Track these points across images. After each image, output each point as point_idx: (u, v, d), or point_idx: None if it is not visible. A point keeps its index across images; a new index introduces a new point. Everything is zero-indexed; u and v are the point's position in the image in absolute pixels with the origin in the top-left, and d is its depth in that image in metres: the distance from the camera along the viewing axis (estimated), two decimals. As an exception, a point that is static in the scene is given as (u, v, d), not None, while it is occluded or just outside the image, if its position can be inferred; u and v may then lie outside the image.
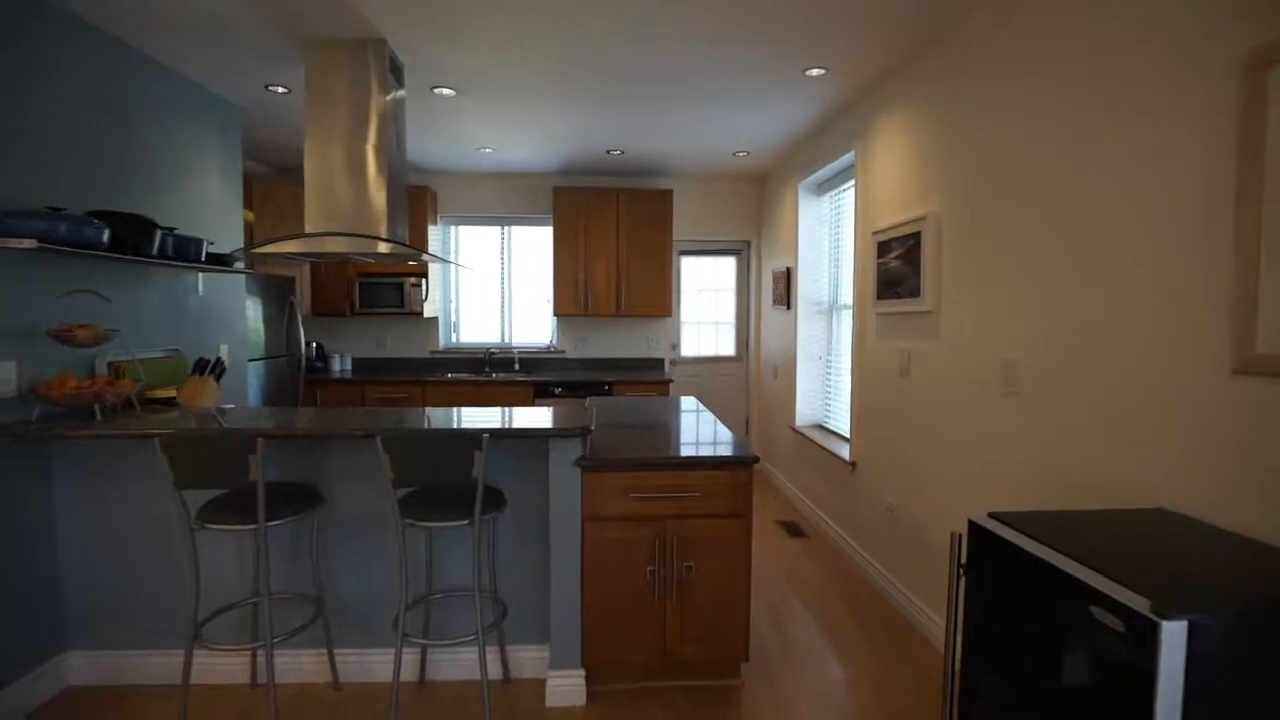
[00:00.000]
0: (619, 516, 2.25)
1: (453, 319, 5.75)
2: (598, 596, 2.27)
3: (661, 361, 5.71)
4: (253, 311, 4.17)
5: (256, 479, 1.96)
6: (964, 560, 1.52)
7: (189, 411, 2.55)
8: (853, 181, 3.74)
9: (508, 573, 2.45)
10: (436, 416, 2.40)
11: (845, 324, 4.16)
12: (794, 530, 4.17)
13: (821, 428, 4.47)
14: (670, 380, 5.02)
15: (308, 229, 2.74)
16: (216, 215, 3.51)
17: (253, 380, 4.18)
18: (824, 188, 4.40)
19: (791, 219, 4.69)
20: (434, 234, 5.36)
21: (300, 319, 4.60)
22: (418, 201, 5.15)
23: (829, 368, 4.43)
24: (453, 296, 5.73)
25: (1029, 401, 2.14)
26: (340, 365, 5.44)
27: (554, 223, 5.22)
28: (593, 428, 2.26)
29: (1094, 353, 1.85)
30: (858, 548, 3.52)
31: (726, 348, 5.93)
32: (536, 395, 4.99)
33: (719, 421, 2.93)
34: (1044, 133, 2.05)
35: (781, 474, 5.05)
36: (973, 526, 1.50)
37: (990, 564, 1.45)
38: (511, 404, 4.98)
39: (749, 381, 5.89)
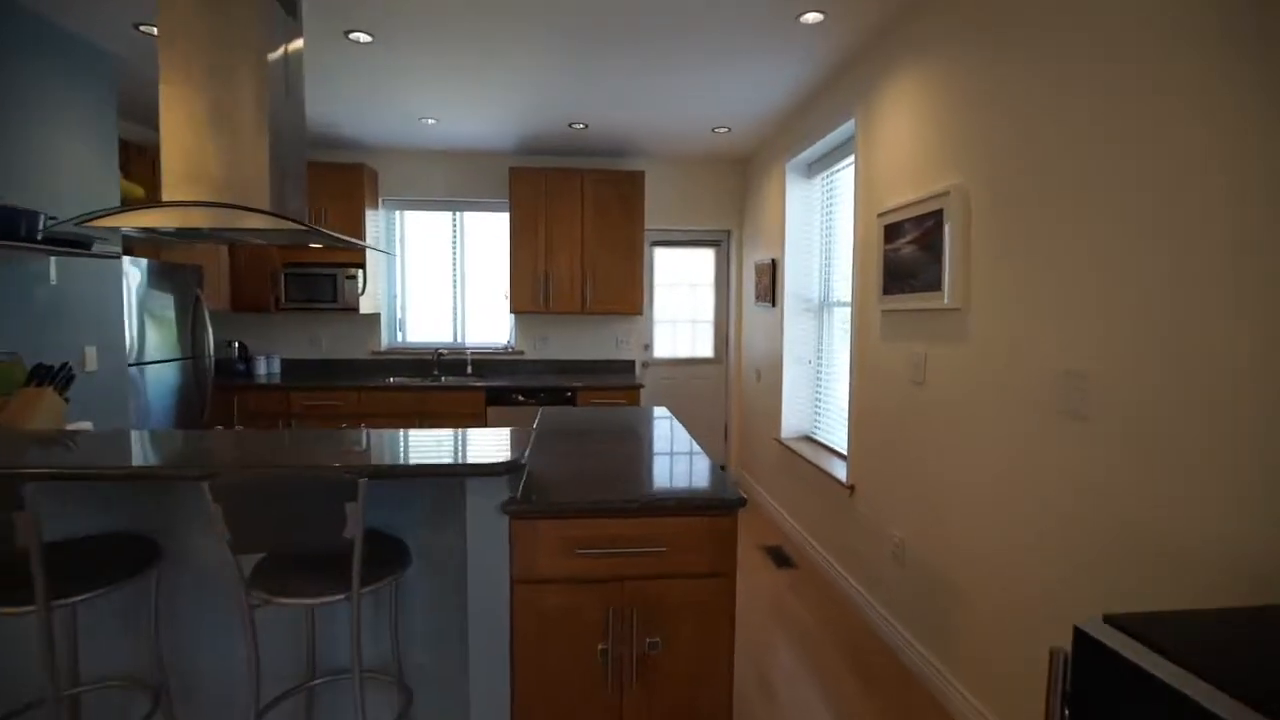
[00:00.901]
0: (561, 578, 1.69)
1: (398, 316, 5.13)
2: (532, 682, 1.70)
3: (632, 364, 5.15)
4: (150, 307, 3.52)
5: (27, 542, 1.36)
6: (1067, 686, 0.99)
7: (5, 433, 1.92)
8: (851, 159, 3.22)
9: (418, 648, 1.87)
10: (313, 445, 1.80)
11: (838, 324, 3.65)
12: (780, 558, 3.64)
13: (811, 440, 3.95)
14: (640, 386, 4.46)
15: (164, 196, 2.13)
16: (81, 187, 2.86)
17: (152, 389, 3.53)
18: (816, 168, 3.88)
19: (777, 205, 4.17)
20: (373, 219, 4.72)
21: (208, 315, 3.95)
22: (350, 181, 4.51)
23: (820, 373, 3.91)
24: (398, 291, 5.10)
25: (1094, 427, 1.62)
26: (267, 368, 4.78)
27: (510, 208, 4.63)
28: (525, 460, 1.69)
29: (1195, 373, 1.33)
30: (857, 585, 3.00)
31: (704, 349, 5.39)
32: (490, 402, 4.40)
33: (695, 446, 2.39)
34: (1122, 81, 1.53)
35: (765, 490, 4.53)
36: (1080, 637, 0.97)
37: (1109, 696, 0.93)
38: (461, 413, 4.38)
39: (729, 386, 5.36)
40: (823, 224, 3.84)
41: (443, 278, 5.11)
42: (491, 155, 4.90)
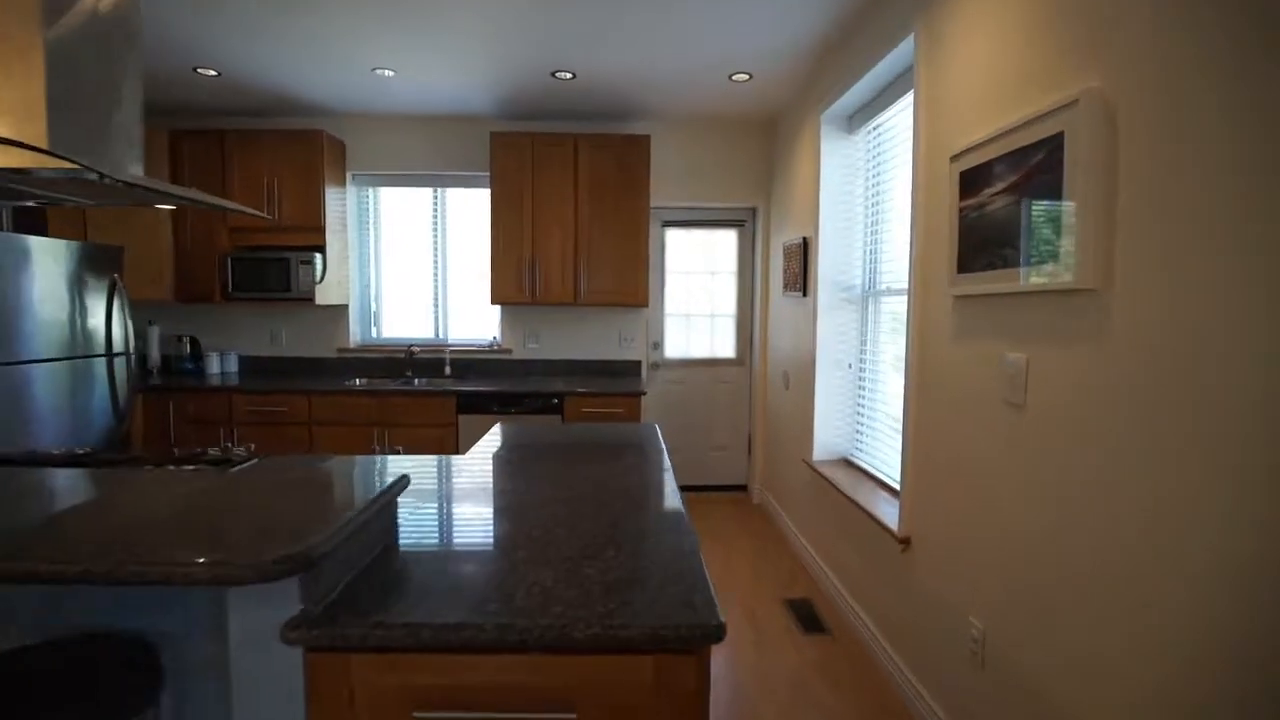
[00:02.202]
0: (396, 757, 0.95)
1: (371, 308, 4.49)
2: None
3: (638, 365, 4.40)
4: (45, 294, 2.94)
5: None
6: None
7: None
8: (905, 99, 2.40)
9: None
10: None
11: (887, 318, 2.83)
12: (808, 618, 2.84)
13: (850, 464, 3.13)
14: (641, 394, 3.70)
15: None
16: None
17: (47, 393, 2.95)
18: (859, 119, 3.05)
19: (809, 170, 3.35)
20: (337, 197, 4.08)
21: (128, 305, 3.35)
22: (304, 149, 3.87)
23: (863, 380, 3.09)
24: (371, 279, 4.46)
25: None
26: (220, 367, 4.20)
27: (491, 180, 3.92)
28: (328, 548, 0.96)
29: None
30: (913, 678, 2.19)
31: (725, 348, 4.60)
32: (462, 410, 3.71)
33: (672, 494, 1.63)
34: None
35: (792, 521, 3.72)
36: None
37: None
38: (428, 422, 3.70)
39: (753, 392, 4.55)
40: (867, 189, 3.02)
41: (423, 264, 4.45)
42: (473, 120, 4.21)
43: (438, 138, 4.23)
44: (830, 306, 3.21)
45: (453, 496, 1.57)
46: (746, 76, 3.37)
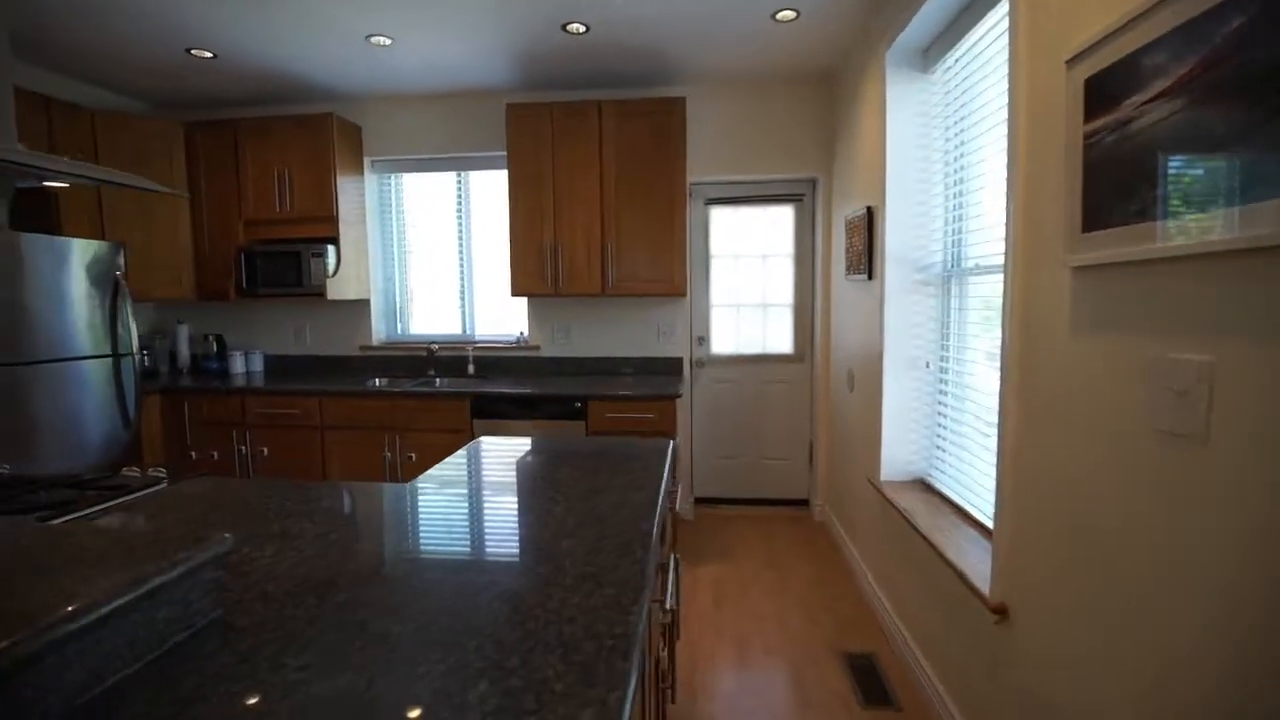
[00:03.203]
0: None
1: (397, 303, 4.22)
2: None
3: (679, 362, 3.89)
4: (42, 292, 2.81)
5: None
6: None
7: None
8: (998, 7, 1.77)
9: None
10: None
11: (979, 304, 2.19)
12: (870, 682, 2.26)
13: (927, 488, 2.50)
14: (676, 396, 3.20)
15: None
16: None
17: (45, 394, 2.82)
18: (936, 51, 2.40)
19: (874, 124, 2.72)
20: (351, 186, 3.81)
21: (129, 304, 3.20)
22: (314, 134, 3.62)
23: (945, 384, 2.45)
24: (395, 273, 4.19)
25: None
26: (246, 366, 4.06)
27: (509, 157, 3.52)
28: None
29: None
30: (1009, 796, 1.59)
31: (780, 342, 4.01)
32: (477, 414, 3.34)
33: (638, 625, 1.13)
34: None
35: (858, 551, 3.11)
36: None
37: None
38: (441, 426, 3.36)
39: (814, 393, 3.94)
40: (949, 141, 2.37)
41: (447, 255, 4.13)
42: (492, 94, 3.82)
43: (456, 116, 3.88)
44: (901, 290, 2.59)
45: (347, 541, 1.15)
46: (792, 14, 2.78)
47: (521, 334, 4.00)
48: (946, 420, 2.40)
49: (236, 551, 1.16)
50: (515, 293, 3.59)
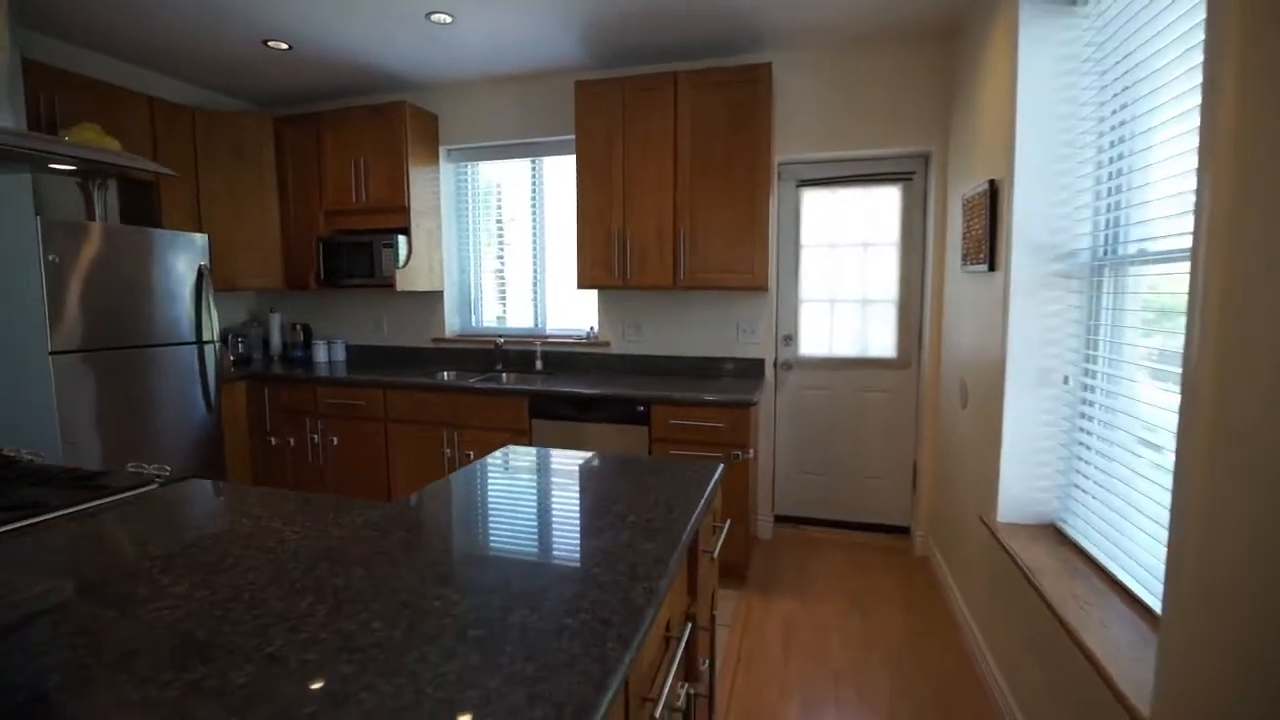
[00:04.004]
0: None
1: (471, 295, 4.13)
2: None
3: (760, 364, 3.47)
4: (134, 282, 2.94)
5: None
6: None
7: None
8: None
9: None
10: None
11: (1134, 303, 1.64)
12: (972, 781, 1.78)
13: (1060, 537, 1.96)
14: (752, 403, 2.81)
15: None
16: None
17: (135, 378, 2.96)
18: (1091, -27, 1.84)
19: (1002, 77, 2.17)
20: (424, 176, 3.73)
21: (212, 294, 3.29)
22: (391, 124, 3.56)
23: (1089, 404, 1.90)
24: (470, 264, 4.09)
25: None
26: (329, 355, 4.14)
27: (577, 138, 3.27)
28: None
29: None
30: None
31: (882, 344, 3.48)
32: (535, 414, 3.14)
33: None
34: None
35: (964, 597, 2.58)
36: None
37: None
38: (498, 425, 3.19)
39: (920, 406, 3.38)
40: (1104, 90, 1.81)
41: (521, 245, 3.97)
42: (561, 73, 3.59)
43: (528, 99, 3.69)
44: (1032, 284, 2.04)
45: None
46: (902, -54, 2.29)
47: (591, 329, 3.76)
48: (1090, 452, 1.85)
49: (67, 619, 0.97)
50: (581, 284, 3.35)
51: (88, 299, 2.78)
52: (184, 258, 3.19)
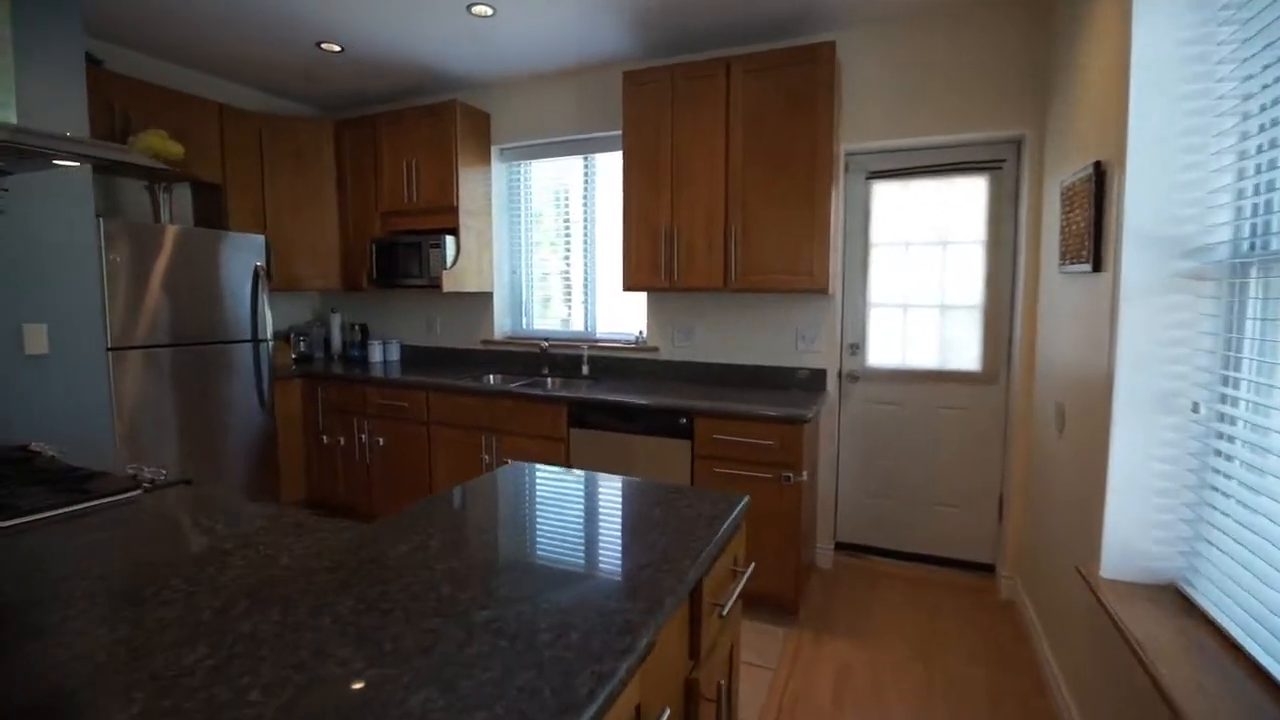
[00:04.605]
0: None
1: (522, 297, 4.04)
2: None
3: (822, 375, 3.15)
4: (195, 280, 3.04)
5: None
6: None
7: None
8: None
9: None
10: None
11: (1305, 306, 1.26)
12: None
13: (1183, 602, 1.56)
14: (805, 420, 2.52)
15: None
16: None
17: (192, 373, 3.05)
18: (1238, -106, 1.46)
19: (1112, 38, 1.79)
20: (474, 177, 3.67)
21: (266, 294, 3.34)
22: (442, 124, 3.52)
23: (1227, 437, 1.51)
24: (521, 265, 4.00)
25: None
26: (384, 355, 4.16)
27: (624, 131, 3.09)
28: None
29: None
30: None
31: (964, 355, 3.08)
32: (574, 423, 2.98)
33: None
34: None
35: (1057, 658, 2.18)
36: None
37: None
38: (538, 431, 3.05)
39: (1009, 425, 2.96)
40: (1246, 42, 1.42)
41: (573, 246, 3.84)
42: (610, 65, 3.42)
43: (578, 95, 3.55)
44: (1148, 287, 1.66)
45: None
46: (989, -110, 1.95)
47: (640, 334, 3.57)
48: (1228, 500, 1.46)
49: None
50: (627, 286, 3.16)
51: (147, 297, 2.87)
52: (242, 258, 3.26)
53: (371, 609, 0.91)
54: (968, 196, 2.99)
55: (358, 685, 0.73)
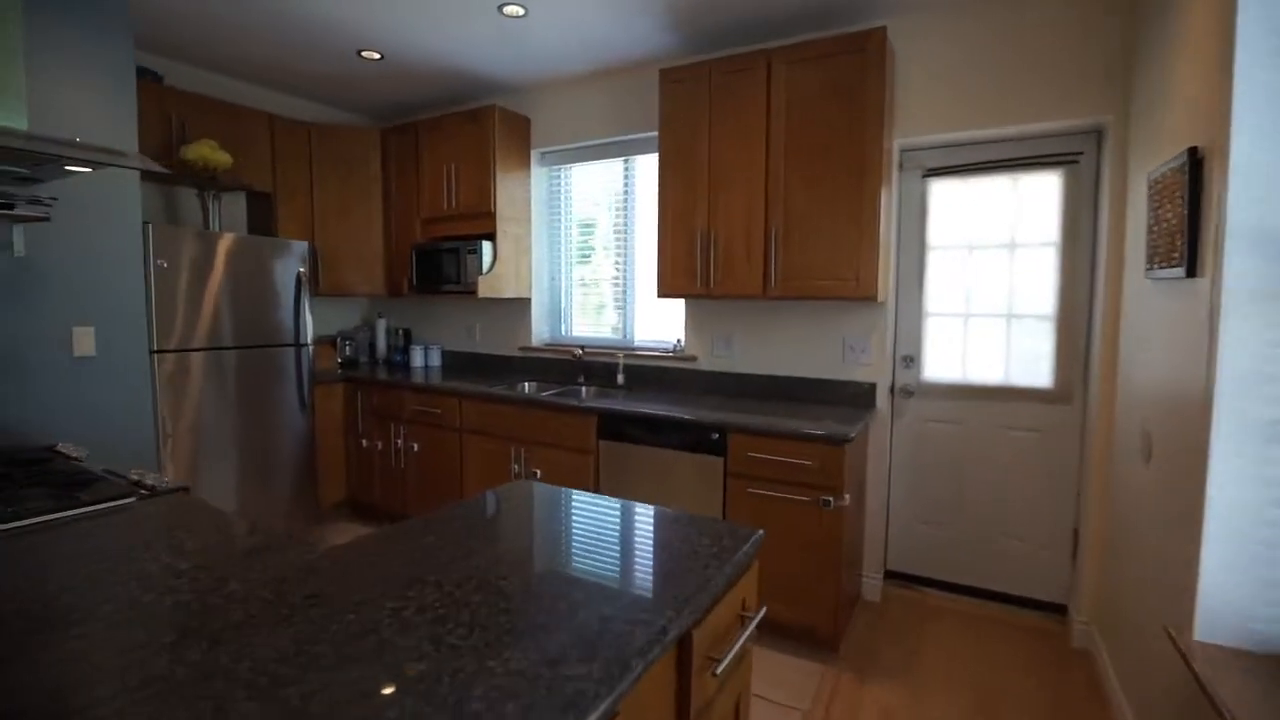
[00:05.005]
0: None
1: (561, 303, 3.96)
2: None
3: (871, 390, 2.91)
4: (240, 285, 3.11)
5: None
6: None
7: None
8: None
9: None
10: None
11: None
12: None
13: (1299, 679, 1.29)
14: (846, 440, 2.30)
15: None
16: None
17: (236, 376, 3.12)
18: None
19: (1216, 9, 1.53)
20: (511, 183, 3.62)
21: (308, 299, 3.39)
22: (480, 129, 3.49)
23: (1354, 480, 1.22)
24: (561, 272, 3.93)
25: None
26: (425, 360, 4.18)
27: (660, 131, 2.96)
28: None
29: None
30: None
31: (1033, 371, 2.77)
32: (603, 435, 2.86)
33: None
34: None
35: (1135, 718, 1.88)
36: None
37: None
38: (567, 443, 2.95)
39: (1085, 451, 2.64)
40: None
41: (611, 250, 3.73)
42: (648, 64, 3.30)
43: (617, 96, 3.45)
44: (1256, 295, 1.39)
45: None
46: None
47: (678, 342, 3.42)
48: (1362, 558, 1.18)
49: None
50: (662, 293, 3.03)
51: (191, 301, 2.95)
52: (285, 264, 3.32)
53: (301, 652, 0.80)
54: (1039, 194, 2.70)
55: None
